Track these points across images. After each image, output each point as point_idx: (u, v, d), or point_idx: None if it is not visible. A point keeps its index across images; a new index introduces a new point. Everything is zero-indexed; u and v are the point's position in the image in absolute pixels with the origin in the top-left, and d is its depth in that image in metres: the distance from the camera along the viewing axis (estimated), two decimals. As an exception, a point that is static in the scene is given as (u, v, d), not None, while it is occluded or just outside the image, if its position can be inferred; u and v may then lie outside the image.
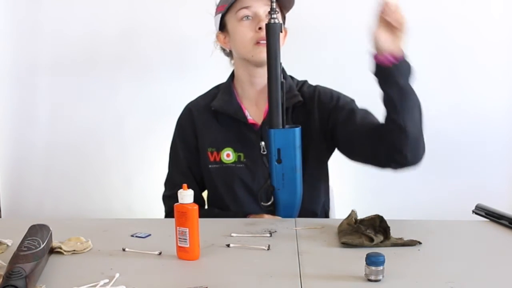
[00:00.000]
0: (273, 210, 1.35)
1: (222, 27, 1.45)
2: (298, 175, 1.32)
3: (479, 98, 2.02)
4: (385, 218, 1.11)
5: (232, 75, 1.52)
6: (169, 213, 1.47)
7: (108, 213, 2.07)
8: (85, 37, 2.10)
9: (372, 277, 0.89)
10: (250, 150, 1.42)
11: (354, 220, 1.12)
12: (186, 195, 0.99)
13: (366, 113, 1.40)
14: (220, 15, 1.43)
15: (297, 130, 1.30)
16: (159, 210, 1.56)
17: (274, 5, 1.26)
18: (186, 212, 0.99)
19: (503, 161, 2.04)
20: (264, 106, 1.43)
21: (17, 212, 2.23)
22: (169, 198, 1.48)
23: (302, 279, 0.91)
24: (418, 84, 1.22)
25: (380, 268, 0.89)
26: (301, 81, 1.51)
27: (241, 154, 1.43)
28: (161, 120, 2.10)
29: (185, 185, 1.00)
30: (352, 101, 1.45)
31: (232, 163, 1.43)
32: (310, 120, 1.43)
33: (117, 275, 0.92)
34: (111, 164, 2.17)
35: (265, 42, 1.33)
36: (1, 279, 0.84)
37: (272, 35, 1.26)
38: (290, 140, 1.30)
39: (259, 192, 1.36)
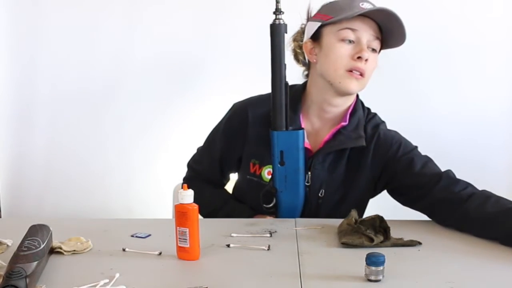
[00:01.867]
0: (275, 212, 1.34)
1: (316, 36, 1.32)
2: (301, 177, 1.31)
3: (479, 99, 2.02)
4: (385, 218, 1.11)
5: (304, 85, 1.39)
6: (187, 179, 1.48)
7: (108, 213, 2.07)
8: (85, 38, 2.10)
9: (372, 277, 0.89)
10: None
11: (354, 220, 1.12)
12: (186, 195, 0.99)
13: (426, 162, 1.32)
14: (318, 24, 1.30)
15: (300, 132, 1.29)
16: (159, 210, 1.56)
17: (279, 5, 1.23)
18: (186, 212, 0.99)
19: (503, 162, 2.04)
20: (325, 135, 1.36)
21: (17, 212, 2.23)
22: (192, 170, 1.49)
23: (302, 279, 0.91)
24: (418, 84, 1.22)
25: (380, 268, 0.89)
26: (371, 114, 1.40)
27: None
28: (161, 121, 2.10)
29: (185, 185, 1.00)
30: (415, 148, 1.36)
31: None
32: (362, 164, 1.35)
33: (117, 275, 0.92)
34: (111, 164, 2.17)
35: (359, 73, 1.27)
36: (1, 279, 0.84)
37: (276, 36, 1.24)
38: (293, 142, 1.28)
39: (261, 194, 1.33)
